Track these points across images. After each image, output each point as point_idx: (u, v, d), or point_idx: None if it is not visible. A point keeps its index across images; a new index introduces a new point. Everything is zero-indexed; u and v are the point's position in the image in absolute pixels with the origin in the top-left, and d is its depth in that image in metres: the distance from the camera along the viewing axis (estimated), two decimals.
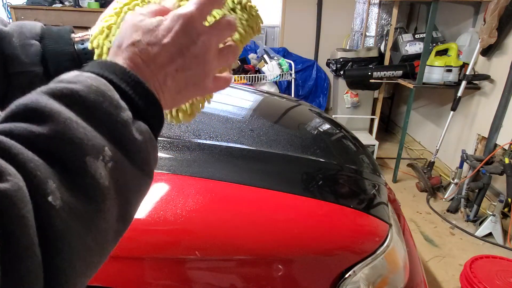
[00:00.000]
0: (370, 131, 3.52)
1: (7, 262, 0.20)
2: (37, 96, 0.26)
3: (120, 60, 0.33)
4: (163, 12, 0.37)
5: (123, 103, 0.30)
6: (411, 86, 2.76)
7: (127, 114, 0.29)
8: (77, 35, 0.48)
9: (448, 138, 2.99)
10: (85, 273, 0.25)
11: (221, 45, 0.39)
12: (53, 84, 0.28)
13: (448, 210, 2.56)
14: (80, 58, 0.47)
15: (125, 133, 0.29)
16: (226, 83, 0.41)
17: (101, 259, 0.27)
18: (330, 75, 4.11)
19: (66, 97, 0.27)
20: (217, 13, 0.43)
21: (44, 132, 0.25)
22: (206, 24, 0.37)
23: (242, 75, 3.13)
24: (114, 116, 0.28)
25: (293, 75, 3.44)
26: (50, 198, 0.23)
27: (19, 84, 0.46)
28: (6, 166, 0.22)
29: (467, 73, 2.55)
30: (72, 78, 0.29)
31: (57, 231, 0.23)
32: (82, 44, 0.47)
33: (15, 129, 0.24)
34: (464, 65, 2.66)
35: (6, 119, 0.26)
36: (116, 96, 0.29)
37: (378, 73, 3.05)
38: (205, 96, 0.45)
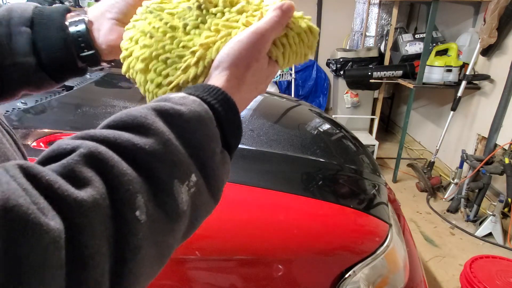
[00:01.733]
0: (370, 131, 3.52)
1: (72, 270, 0.21)
2: (146, 112, 0.28)
3: (222, 77, 0.35)
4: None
5: (216, 133, 0.31)
6: (411, 86, 2.76)
7: (217, 143, 0.31)
8: (71, 17, 0.44)
9: (448, 138, 2.99)
10: (141, 284, 0.27)
11: None
12: (162, 103, 0.30)
13: (448, 210, 2.56)
14: (75, 44, 0.43)
15: (212, 163, 0.30)
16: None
17: (157, 270, 0.29)
18: (330, 75, 4.11)
19: (170, 116, 0.29)
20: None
21: (146, 148, 0.26)
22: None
23: None
24: (206, 146, 0.30)
25: (293, 75, 3.44)
26: (137, 213, 0.24)
27: (14, 77, 0.43)
28: (92, 179, 0.23)
29: (467, 73, 2.55)
30: (179, 100, 0.30)
31: (138, 244, 0.24)
32: (76, 26, 0.43)
33: (119, 139, 0.26)
34: (464, 65, 2.66)
35: (115, 125, 0.27)
36: (213, 125, 0.31)
37: (378, 73, 3.05)
38: None
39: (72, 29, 0.43)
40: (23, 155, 0.36)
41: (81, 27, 0.43)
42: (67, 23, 0.43)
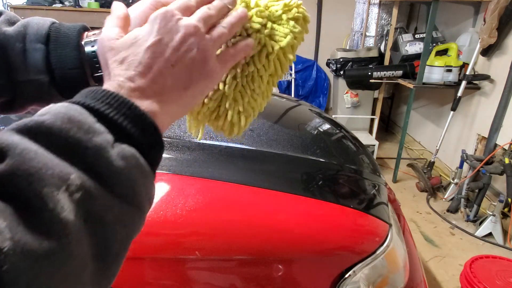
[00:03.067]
0: (370, 131, 3.52)
1: None
2: (2, 133, 0.24)
3: (116, 80, 0.32)
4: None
5: (98, 127, 0.27)
6: (411, 86, 2.76)
7: (103, 137, 0.26)
8: (88, 36, 0.43)
9: (448, 138, 2.99)
10: None
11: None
12: (23, 120, 0.26)
13: (448, 210, 2.56)
14: (89, 64, 0.42)
15: (99, 159, 0.26)
16: (245, 50, 0.38)
17: None
18: (330, 75, 4.11)
19: (30, 129, 0.25)
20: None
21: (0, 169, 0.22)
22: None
23: None
24: (83, 142, 0.26)
25: (293, 75, 3.44)
26: None
27: (26, 93, 0.43)
28: None
29: (467, 73, 2.55)
30: (44, 110, 0.27)
31: (6, 277, 0.20)
32: (92, 46, 0.42)
33: None
34: (464, 65, 2.66)
35: None
36: (89, 120, 0.27)
37: (378, 73, 3.05)
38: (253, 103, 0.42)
39: (88, 48, 0.42)
40: None
41: (97, 47, 0.42)
42: (83, 42, 0.43)
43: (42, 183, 0.23)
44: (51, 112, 0.26)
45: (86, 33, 0.44)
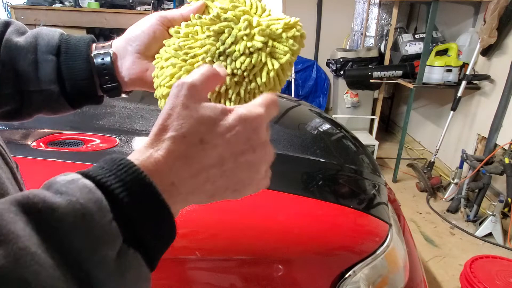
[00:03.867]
0: (370, 131, 3.52)
1: None
2: (7, 207, 0.21)
3: (158, 151, 0.27)
4: (214, 80, 0.31)
5: (111, 231, 0.23)
6: (411, 86, 2.76)
7: (112, 247, 0.23)
8: (97, 48, 0.44)
9: (448, 138, 2.99)
10: None
11: None
12: (38, 191, 0.23)
13: (448, 210, 2.56)
14: (99, 76, 0.43)
15: (99, 274, 0.23)
16: (267, 183, 0.34)
17: None
18: (330, 75, 4.11)
19: (38, 213, 0.22)
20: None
21: None
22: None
23: None
24: (88, 252, 0.22)
25: (293, 75, 3.44)
26: None
27: (35, 102, 0.44)
28: None
29: (467, 73, 2.55)
30: (63, 185, 0.24)
31: None
32: (102, 59, 0.43)
33: None
34: (464, 65, 2.66)
35: None
36: (107, 218, 0.23)
37: (378, 73, 3.05)
38: None
39: (97, 60, 0.43)
40: (19, 187, 0.35)
41: (107, 60, 0.43)
42: (92, 54, 0.44)
43: None
44: (69, 194, 0.23)
45: (94, 45, 0.45)
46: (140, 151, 0.27)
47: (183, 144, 0.27)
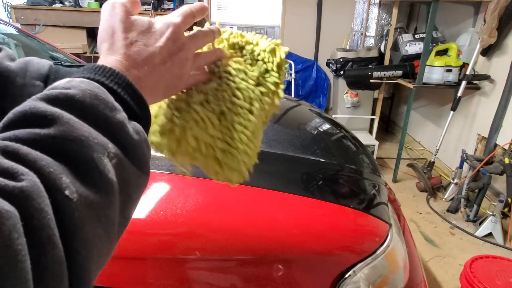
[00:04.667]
0: (370, 131, 3.52)
1: (34, 256, 0.21)
2: (34, 103, 0.26)
3: (118, 57, 0.34)
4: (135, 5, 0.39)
5: (117, 105, 0.30)
6: (411, 86, 2.76)
7: (122, 115, 0.30)
8: None
9: (448, 138, 2.99)
10: (97, 262, 0.26)
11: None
12: (48, 91, 0.28)
13: (448, 210, 2.56)
14: None
15: (122, 133, 0.30)
16: (201, 76, 0.44)
17: (109, 249, 0.28)
18: (330, 75, 4.11)
19: (63, 101, 0.27)
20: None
21: (50, 133, 0.25)
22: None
23: None
24: (110, 118, 0.29)
25: (293, 75, 3.44)
26: (67, 192, 0.24)
27: None
28: (17, 167, 0.22)
29: (467, 73, 2.55)
30: (65, 84, 0.29)
31: (76, 222, 0.24)
32: None
33: (19, 134, 0.25)
34: (464, 65, 2.66)
35: (5, 128, 0.26)
36: (110, 98, 0.30)
37: (378, 73, 3.05)
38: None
39: None
40: None
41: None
42: None
43: (92, 149, 0.26)
44: (76, 87, 0.29)
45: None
46: (103, 59, 0.34)
47: (134, 48, 0.35)
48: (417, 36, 3.09)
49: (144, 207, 0.76)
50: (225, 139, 0.43)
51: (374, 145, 3.24)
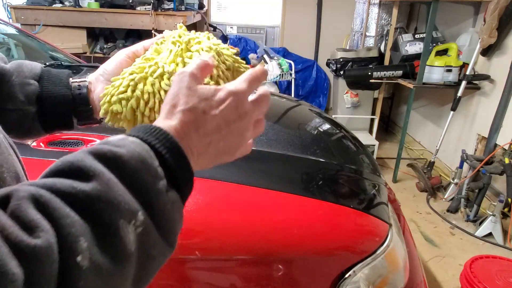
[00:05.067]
0: (370, 131, 3.52)
1: None
2: (83, 156, 0.28)
3: (174, 121, 0.35)
4: (207, 69, 0.39)
5: (160, 171, 0.31)
6: (411, 86, 2.76)
7: (163, 183, 0.30)
8: (74, 80, 0.51)
9: (448, 138, 2.99)
10: None
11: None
12: (99, 146, 0.30)
13: (448, 210, 2.56)
14: (76, 103, 0.50)
15: (158, 202, 0.30)
16: (249, 150, 0.43)
17: None
18: (330, 75, 4.11)
19: (109, 159, 0.28)
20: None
21: (86, 189, 0.26)
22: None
23: None
24: (150, 185, 0.29)
25: (293, 75, 3.44)
26: (79, 258, 0.24)
27: (8, 121, 0.47)
28: (41, 222, 0.23)
29: (467, 73, 2.55)
30: (117, 142, 0.30)
31: None
32: (79, 89, 0.50)
33: (58, 184, 0.26)
34: (464, 65, 2.66)
35: (52, 174, 0.27)
36: (156, 163, 0.30)
37: (378, 73, 3.05)
38: None
39: (75, 85, 0.50)
40: (23, 167, 0.39)
41: (83, 84, 0.51)
42: (71, 81, 0.51)
43: (120, 214, 0.27)
44: (126, 146, 0.30)
45: (70, 79, 0.52)
46: (159, 122, 0.35)
47: (191, 115, 0.35)
48: (417, 36, 3.09)
49: None
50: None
51: (374, 145, 3.23)
